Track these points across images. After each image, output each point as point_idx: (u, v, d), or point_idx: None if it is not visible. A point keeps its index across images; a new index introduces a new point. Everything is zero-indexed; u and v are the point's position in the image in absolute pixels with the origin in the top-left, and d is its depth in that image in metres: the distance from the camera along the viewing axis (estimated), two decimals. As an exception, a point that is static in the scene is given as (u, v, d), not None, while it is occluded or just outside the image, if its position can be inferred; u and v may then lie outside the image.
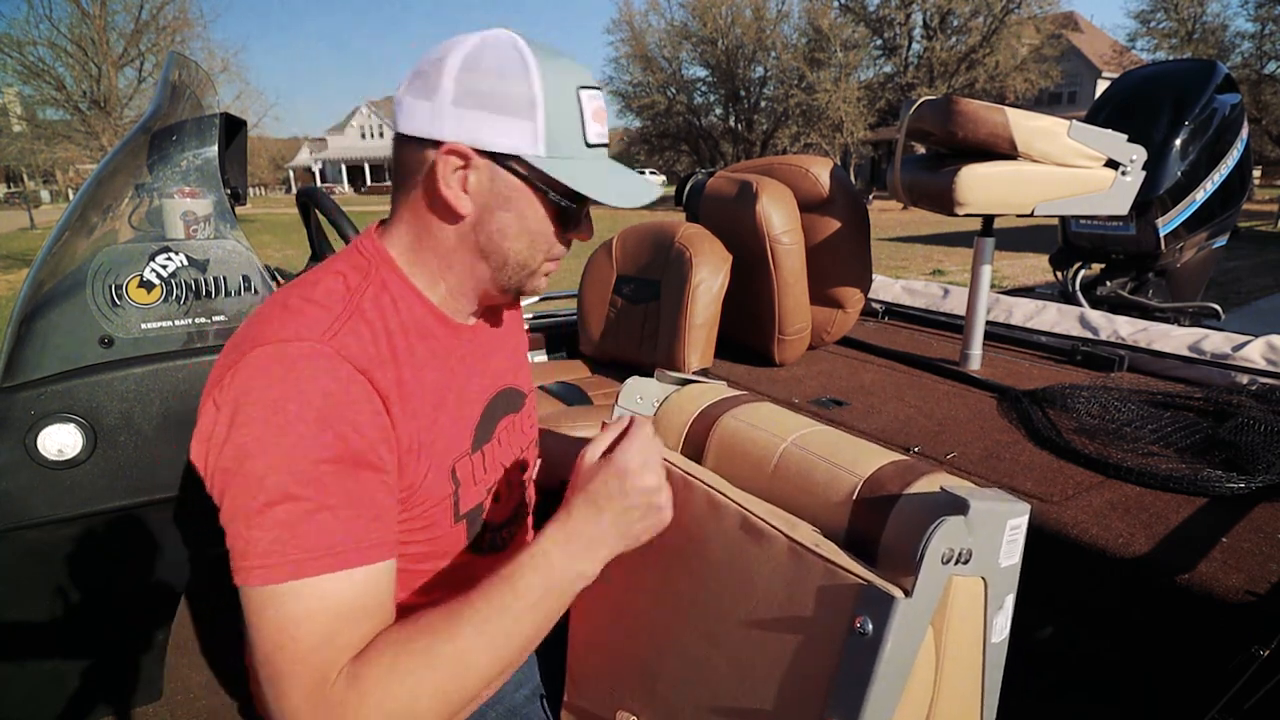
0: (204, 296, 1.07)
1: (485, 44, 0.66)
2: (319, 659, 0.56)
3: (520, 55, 0.66)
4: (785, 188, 1.87)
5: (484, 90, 0.65)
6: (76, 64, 19.01)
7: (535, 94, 0.66)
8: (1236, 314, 6.14)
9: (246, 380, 0.60)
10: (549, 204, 0.70)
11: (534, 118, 0.66)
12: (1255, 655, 0.77)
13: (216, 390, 0.61)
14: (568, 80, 0.68)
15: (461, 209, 0.68)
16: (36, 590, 1.08)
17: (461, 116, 0.65)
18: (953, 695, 0.59)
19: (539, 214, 0.70)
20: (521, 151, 0.66)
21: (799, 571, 0.58)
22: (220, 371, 0.62)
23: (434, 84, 0.66)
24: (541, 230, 0.71)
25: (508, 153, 0.66)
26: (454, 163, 0.66)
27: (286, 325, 0.62)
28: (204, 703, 1.27)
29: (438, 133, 0.66)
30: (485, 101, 0.65)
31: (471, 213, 0.69)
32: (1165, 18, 25.81)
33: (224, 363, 0.63)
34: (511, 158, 0.67)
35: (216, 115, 1.12)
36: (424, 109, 0.66)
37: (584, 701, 0.82)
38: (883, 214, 18.04)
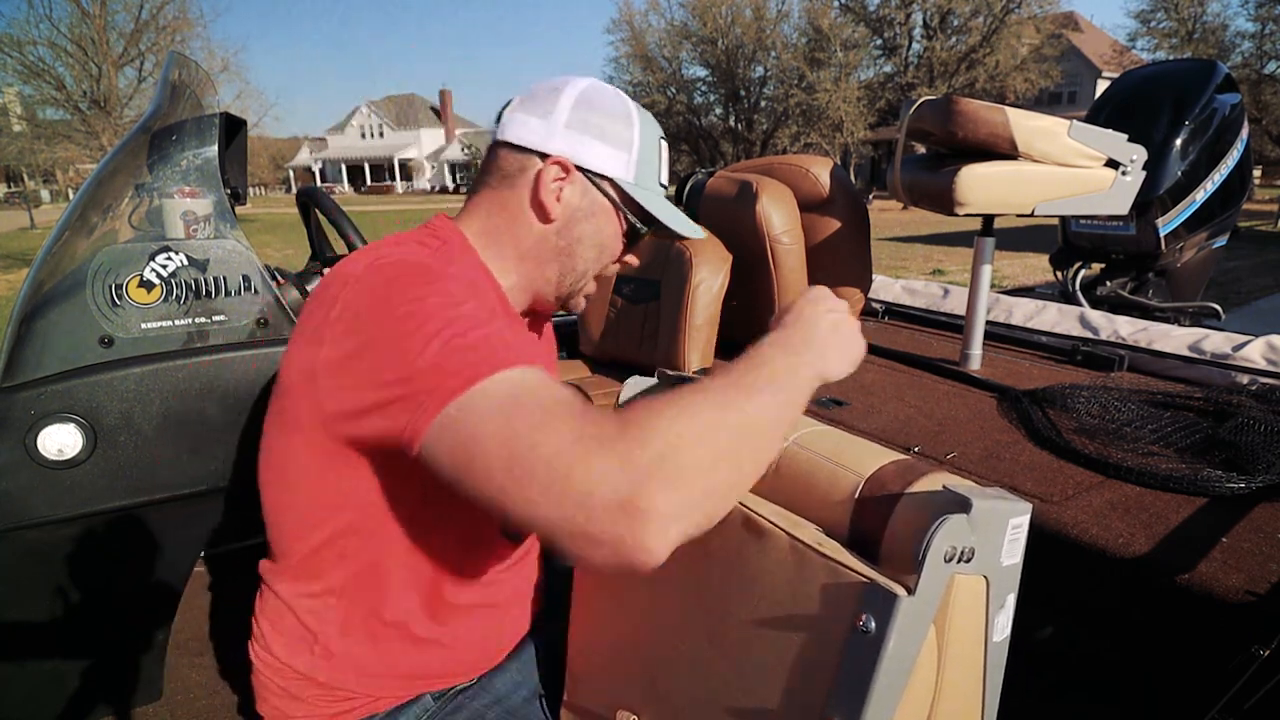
0: (204, 296, 1.07)
1: (596, 87, 0.80)
2: (575, 421, 0.52)
3: (624, 102, 0.81)
4: (785, 188, 1.88)
5: (594, 122, 0.78)
6: (76, 64, 19.00)
7: (634, 134, 0.80)
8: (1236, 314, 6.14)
9: (371, 280, 0.64)
10: (623, 224, 0.82)
11: (630, 152, 0.79)
12: (1255, 655, 0.77)
13: (330, 308, 0.63)
14: (654, 131, 0.83)
15: (553, 213, 0.78)
16: (36, 590, 1.08)
17: (571, 138, 0.77)
18: (954, 694, 0.59)
19: (614, 231, 0.82)
20: (615, 175, 0.79)
21: (801, 570, 0.58)
22: (325, 302, 0.64)
23: (549, 107, 0.77)
24: (611, 246, 0.83)
25: (604, 174, 0.79)
26: (556, 172, 0.77)
27: (388, 257, 0.67)
28: (204, 703, 1.27)
29: (547, 146, 0.77)
30: (594, 130, 0.78)
31: (559, 218, 0.79)
32: (1165, 18, 25.81)
33: (328, 294, 0.65)
34: (605, 179, 0.79)
35: (216, 115, 1.12)
36: (537, 125, 0.77)
37: (584, 700, 0.82)
38: (883, 214, 18.04)
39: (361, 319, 0.62)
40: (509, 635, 0.87)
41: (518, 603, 0.88)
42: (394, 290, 0.62)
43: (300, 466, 0.70)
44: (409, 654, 0.78)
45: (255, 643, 0.81)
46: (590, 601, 0.83)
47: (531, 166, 0.77)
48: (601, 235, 0.82)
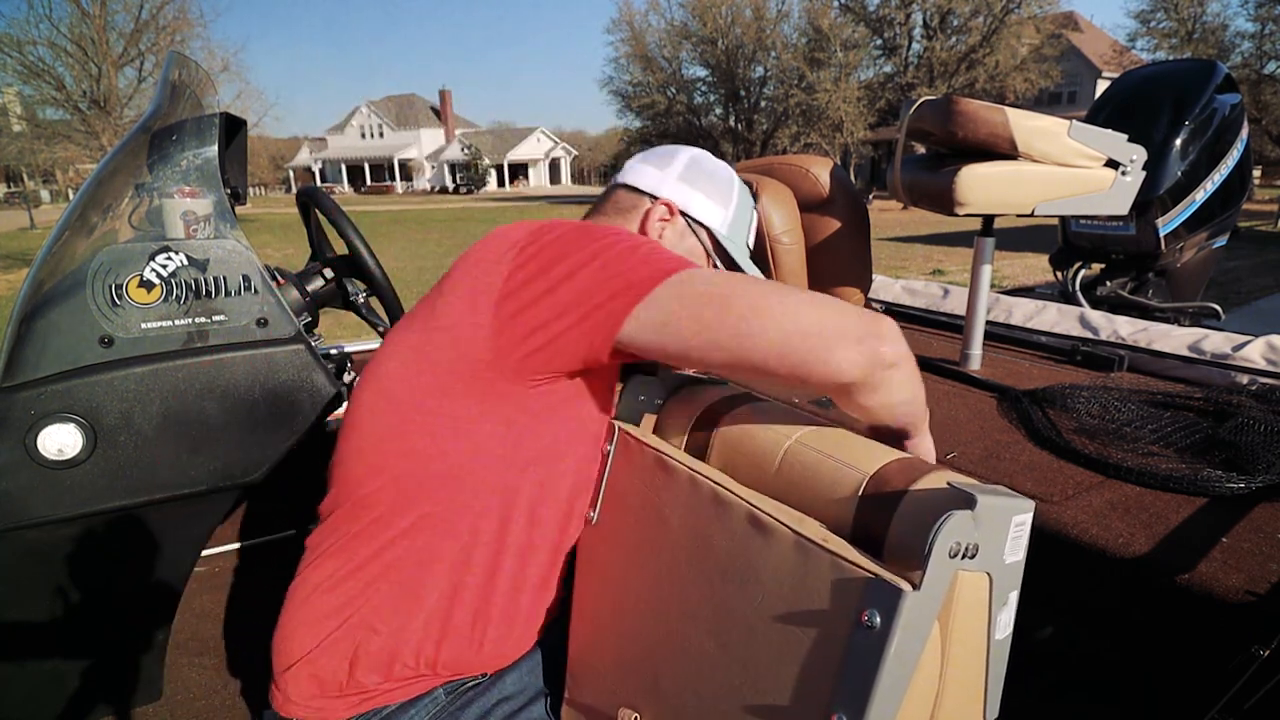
0: (204, 296, 1.07)
1: (706, 154, 0.99)
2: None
3: (729, 171, 1.00)
4: (785, 188, 1.87)
5: (701, 180, 0.95)
6: (76, 64, 18.99)
7: (732, 196, 0.98)
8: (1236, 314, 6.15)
9: (557, 229, 0.73)
10: (712, 267, 0.93)
11: (727, 209, 0.96)
12: (1255, 655, 0.77)
13: (514, 258, 0.71)
14: (749, 200, 1.03)
15: None
16: (36, 590, 1.08)
17: (680, 189, 0.93)
18: (957, 690, 0.59)
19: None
20: (712, 225, 0.95)
21: (805, 566, 0.58)
22: (498, 257, 0.72)
23: (666, 162, 0.95)
24: None
25: (703, 221, 0.94)
26: (663, 212, 0.92)
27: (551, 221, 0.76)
28: (204, 703, 1.27)
29: (659, 191, 0.93)
30: (700, 186, 0.95)
31: None
32: (1165, 18, 25.81)
33: (497, 252, 0.73)
34: (703, 226, 0.95)
35: (216, 115, 1.12)
36: (653, 173, 0.94)
37: (585, 698, 0.82)
38: (883, 214, 18.04)
39: (561, 254, 0.70)
40: (532, 631, 0.87)
41: (545, 598, 0.87)
42: (582, 231, 0.72)
43: (427, 426, 0.74)
44: (439, 642, 0.79)
45: (278, 634, 0.81)
46: (591, 598, 0.83)
47: (642, 205, 0.93)
48: None
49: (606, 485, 0.81)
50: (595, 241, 0.70)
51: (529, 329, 0.68)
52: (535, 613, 0.85)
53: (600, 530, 0.82)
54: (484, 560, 0.78)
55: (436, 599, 0.77)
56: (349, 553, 0.78)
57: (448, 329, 0.72)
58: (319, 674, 0.78)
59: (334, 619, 0.78)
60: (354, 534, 0.77)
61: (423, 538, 0.76)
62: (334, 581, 0.78)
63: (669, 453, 0.75)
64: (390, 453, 0.75)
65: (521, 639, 0.85)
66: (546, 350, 0.69)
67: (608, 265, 0.68)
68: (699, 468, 0.72)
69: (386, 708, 0.79)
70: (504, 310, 0.69)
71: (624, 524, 0.78)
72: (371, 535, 0.77)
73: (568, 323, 0.68)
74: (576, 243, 0.70)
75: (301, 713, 0.79)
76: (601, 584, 0.81)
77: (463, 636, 0.80)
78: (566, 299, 0.68)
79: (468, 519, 0.76)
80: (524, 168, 53.54)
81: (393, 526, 0.76)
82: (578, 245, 0.70)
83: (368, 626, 0.77)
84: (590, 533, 0.83)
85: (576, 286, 0.68)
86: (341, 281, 1.34)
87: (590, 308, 0.67)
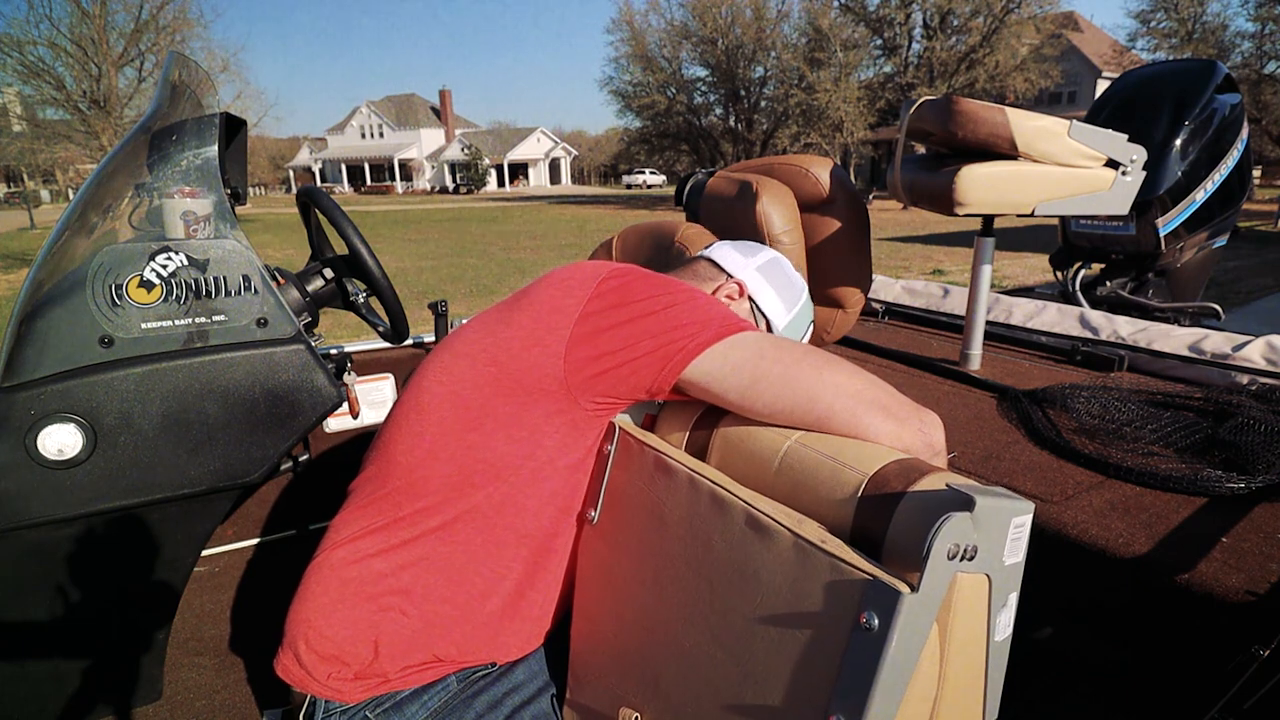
0: (204, 296, 1.07)
1: (787, 261, 1.09)
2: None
3: (803, 282, 1.09)
4: (785, 188, 1.87)
5: (777, 278, 1.04)
6: (76, 64, 18.99)
7: (799, 301, 1.06)
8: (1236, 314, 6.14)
9: (631, 273, 0.80)
10: None
11: (791, 311, 1.04)
12: (1255, 655, 0.77)
13: (589, 291, 0.77)
14: (810, 312, 1.09)
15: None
16: (36, 590, 1.08)
17: (756, 278, 1.02)
18: (956, 692, 0.59)
19: None
20: (773, 318, 1.02)
21: (804, 567, 0.58)
22: (576, 287, 0.78)
23: (752, 253, 1.06)
24: None
25: (766, 312, 1.02)
26: (734, 289, 1.00)
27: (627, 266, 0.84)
28: (204, 703, 1.27)
29: (736, 272, 1.02)
30: (774, 283, 1.03)
31: None
32: (1165, 18, 25.81)
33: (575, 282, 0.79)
34: (765, 316, 1.02)
35: (216, 115, 1.12)
36: (737, 258, 1.04)
37: (586, 698, 0.82)
38: (883, 214, 18.03)
39: (644, 293, 0.77)
40: (543, 627, 0.88)
41: (557, 595, 0.88)
42: (664, 280, 0.80)
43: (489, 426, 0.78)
44: (462, 632, 0.80)
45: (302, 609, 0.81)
46: (592, 597, 0.83)
47: (719, 278, 1.01)
48: None
49: (607, 485, 0.81)
50: (676, 290, 0.79)
51: (603, 351, 0.75)
52: (547, 609, 0.87)
53: (600, 530, 0.82)
54: (514, 558, 0.81)
55: (468, 591, 0.80)
56: (389, 534, 0.79)
57: (521, 339, 0.77)
58: (342, 655, 0.79)
59: (366, 599, 0.79)
60: (398, 518, 0.79)
61: (464, 531, 0.79)
62: (371, 561, 0.79)
63: (669, 453, 0.75)
64: (453, 444, 0.78)
65: (533, 634, 0.87)
66: (616, 373, 0.75)
67: (686, 310, 0.77)
68: (699, 468, 0.72)
69: (401, 692, 0.80)
70: (581, 330, 0.75)
71: (624, 524, 0.79)
72: (414, 521, 0.79)
73: (642, 350, 0.74)
74: (659, 286, 0.79)
75: (320, 690, 0.80)
76: (602, 584, 0.81)
77: (484, 628, 0.82)
78: (645, 330, 0.75)
79: (508, 517, 0.79)
80: (524, 168, 53.52)
81: (439, 515, 0.78)
82: (660, 288, 0.78)
83: (398, 610, 0.79)
84: (591, 533, 0.83)
85: (656, 322, 0.75)
86: (341, 281, 1.34)
87: (666, 341, 0.74)
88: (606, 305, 0.76)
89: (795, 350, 0.76)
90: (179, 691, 1.29)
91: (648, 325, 0.75)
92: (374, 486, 0.82)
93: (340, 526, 0.83)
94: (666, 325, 0.75)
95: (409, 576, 0.79)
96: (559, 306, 0.77)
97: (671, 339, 0.74)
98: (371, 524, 0.80)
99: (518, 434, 0.78)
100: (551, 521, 0.82)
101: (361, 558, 0.80)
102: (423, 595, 0.79)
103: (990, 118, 1.54)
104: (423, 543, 0.79)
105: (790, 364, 0.73)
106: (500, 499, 0.79)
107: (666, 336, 0.75)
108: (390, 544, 0.79)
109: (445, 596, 0.79)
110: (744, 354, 0.74)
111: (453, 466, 0.78)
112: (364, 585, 0.79)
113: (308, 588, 0.82)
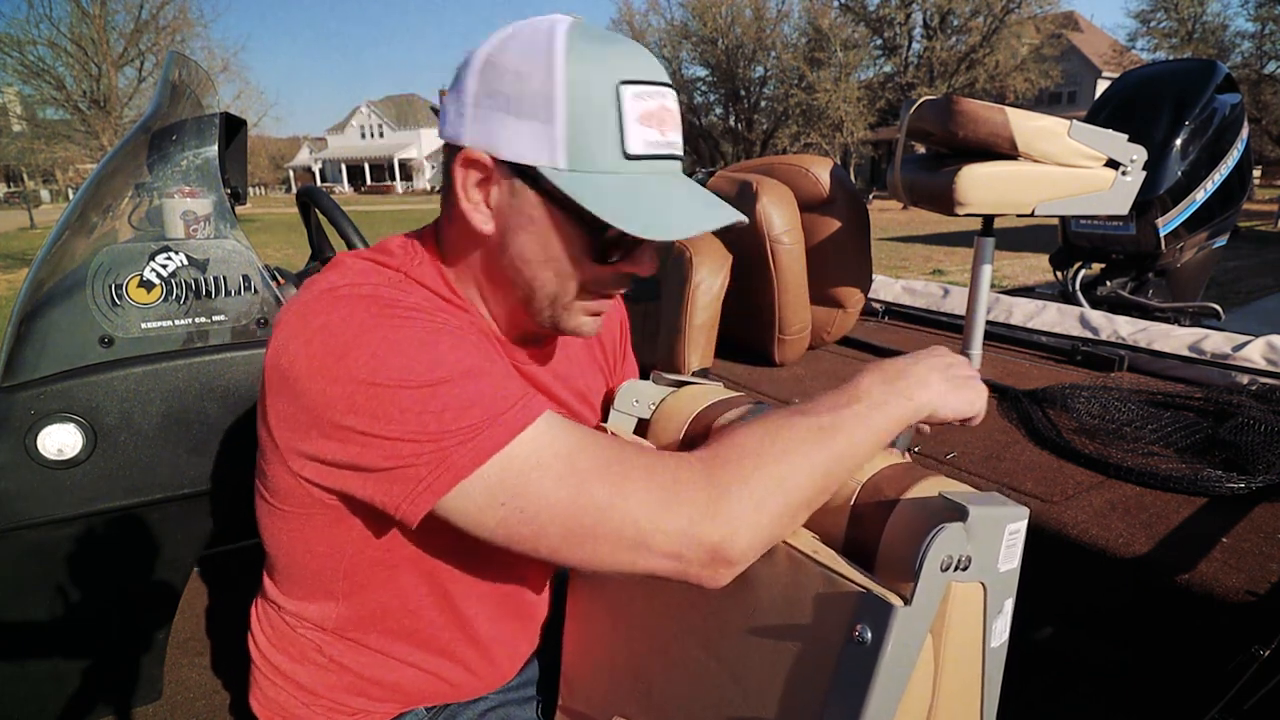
0: (204, 296, 1.07)
1: (517, 32, 0.57)
2: (649, 471, 0.54)
3: (548, 44, 0.55)
4: (785, 188, 1.87)
5: (502, 90, 0.56)
6: (76, 64, 18.97)
7: (555, 92, 0.55)
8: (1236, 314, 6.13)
9: (313, 320, 0.56)
10: (574, 228, 0.59)
11: (552, 121, 0.55)
12: (1255, 655, 0.77)
13: (291, 342, 0.56)
14: (605, 74, 0.56)
15: (481, 226, 0.61)
16: (36, 590, 1.08)
17: (480, 118, 0.57)
18: (952, 701, 0.58)
19: (563, 238, 0.60)
20: (537, 163, 0.57)
21: (797, 579, 0.58)
22: (282, 337, 0.57)
23: (461, 83, 0.59)
24: (568, 257, 0.61)
25: (523, 162, 0.57)
26: (474, 174, 0.59)
27: (338, 282, 0.60)
28: (204, 703, 1.27)
29: (459, 137, 0.59)
30: (502, 102, 0.56)
31: (494, 232, 0.61)
32: (1165, 17, 25.81)
33: (281, 334, 0.58)
34: (528, 169, 0.57)
35: (216, 115, 1.12)
36: (453, 112, 0.59)
37: (578, 705, 0.82)
38: (883, 214, 18.03)
39: (311, 374, 0.54)
40: (518, 656, 0.84)
41: (530, 625, 0.84)
42: (342, 336, 0.54)
43: (282, 515, 0.65)
44: (413, 674, 0.76)
45: (254, 643, 0.79)
46: (585, 609, 0.82)
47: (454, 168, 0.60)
48: (550, 249, 0.61)
49: None
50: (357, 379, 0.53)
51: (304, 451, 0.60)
52: (516, 640, 0.82)
53: None
54: (442, 597, 0.72)
55: (403, 637, 0.73)
56: (307, 598, 0.73)
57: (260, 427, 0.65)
58: (284, 700, 0.75)
59: (304, 649, 0.74)
60: (304, 592, 0.72)
61: (374, 584, 0.70)
62: (298, 611, 0.74)
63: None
64: (302, 556, 0.70)
65: (505, 668, 0.81)
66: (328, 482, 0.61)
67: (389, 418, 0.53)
68: None
69: None
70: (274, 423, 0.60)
71: None
72: (319, 591, 0.71)
73: (342, 463, 0.57)
74: (320, 372, 0.55)
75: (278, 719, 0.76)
76: (595, 593, 0.81)
77: (443, 669, 0.76)
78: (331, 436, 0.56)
79: (408, 576, 0.70)
80: (524, 168, 53.35)
81: (342, 591, 0.70)
82: (322, 375, 0.55)
83: (339, 655, 0.74)
84: None
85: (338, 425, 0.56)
86: (341, 281, 1.34)
87: (371, 466, 0.56)
88: (277, 381, 0.57)
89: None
90: (179, 691, 1.29)
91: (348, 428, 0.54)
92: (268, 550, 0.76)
93: (267, 582, 0.77)
94: (377, 445, 0.53)
95: (336, 630, 0.72)
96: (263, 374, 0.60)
97: (388, 471, 0.54)
98: (282, 583, 0.74)
99: (313, 529, 0.64)
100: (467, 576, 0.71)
101: (292, 611, 0.73)
102: (347, 646, 0.73)
103: (990, 118, 1.54)
104: (332, 597, 0.71)
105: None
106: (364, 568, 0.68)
107: (378, 461, 0.54)
108: (313, 603, 0.72)
109: (379, 648, 0.73)
110: (491, 511, 0.54)
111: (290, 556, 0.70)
112: (298, 639, 0.74)
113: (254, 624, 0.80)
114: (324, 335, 0.54)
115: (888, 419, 0.60)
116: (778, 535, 0.57)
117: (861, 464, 0.61)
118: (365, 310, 0.55)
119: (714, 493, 0.54)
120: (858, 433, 0.59)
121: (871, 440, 0.60)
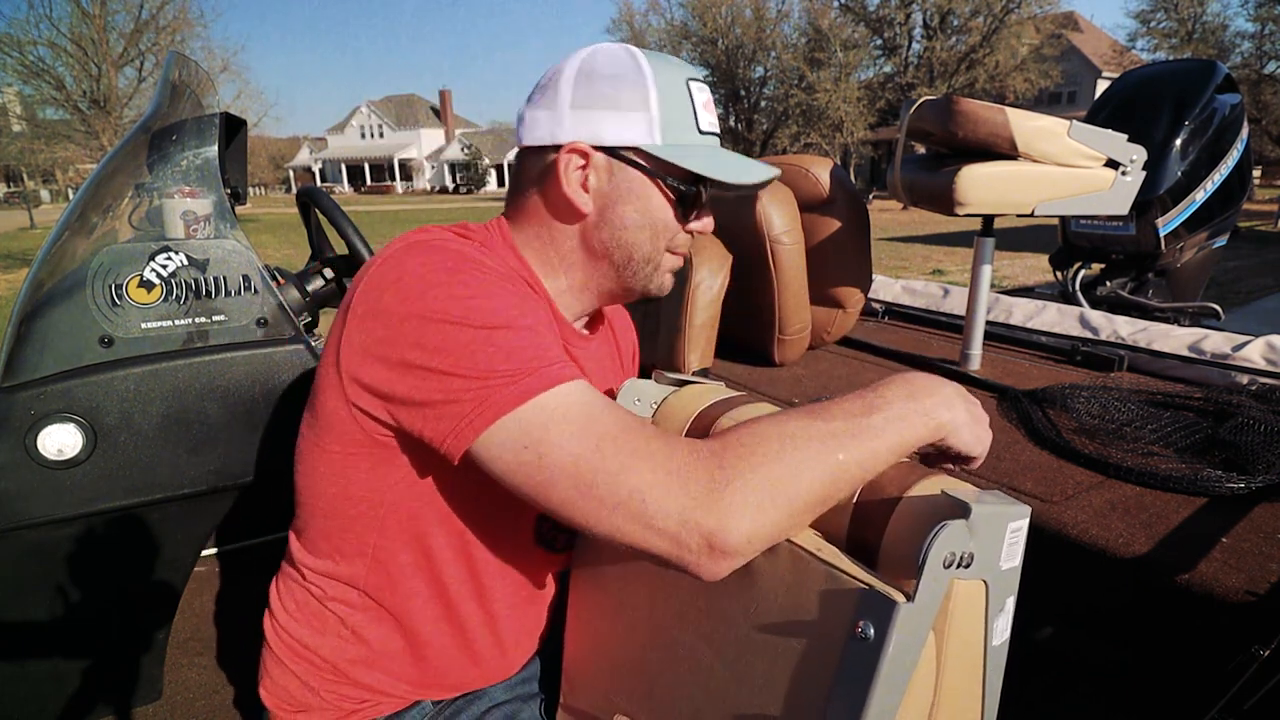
0: (204, 296, 1.07)
1: (598, 52, 0.73)
2: (662, 450, 0.57)
3: (631, 56, 0.72)
4: (785, 188, 1.87)
5: (600, 92, 0.71)
6: (76, 64, 18.97)
7: (648, 88, 0.71)
8: (1236, 314, 6.14)
9: (405, 262, 0.64)
10: (668, 191, 0.74)
11: (648, 109, 0.71)
12: (1255, 655, 0.77)
13: (359, 289, 0.64)
14: (676, 74, 0.73)
15: (582, 207, 0.73)
16: (36, 590, 1.08)
17: (580, 118, 0.71)
18: (953, 699, 0.58)
19: (659, 202, 0.74)
20: (639, 143, 0.71)
21: (800, 575, 0.58)
22: (356, 283, 0.66)
23: (553, 94, 0.72)
24: (663, 219, 0.75)
25: (626, 145, 0.72)
26: (575, 161, 0.72)
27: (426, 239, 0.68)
28: (204, 703, 1.27)
29: (558, 137, 0.72)
30: (602, 101, 0.71)
31: (592, 211, 0.74)
32: (1165, 18, 25.85)
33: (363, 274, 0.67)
34: (629, 149, 0.72)
35: (216, 115, 1.12)
36: (545, 118, 0.73)
37: (580, 703, 0.82)
38: (883, 214, 18.03)
39: (394, 303, 0.62)
40: (526, 647, 0.86)
41: (540, 615, 0.86)
42: (430, 276, 0.62)
43: (327, 456, 0.70)
44: (429, 651, 0.78)
45: (272, 621, 0.80)
46: (587, 605, 0.83)
47: (549, 163, 0.73)
48: (647, 213, 0.74)
49: None
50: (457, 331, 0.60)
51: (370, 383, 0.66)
52: (526, 629, 0.84)
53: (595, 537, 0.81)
54: (456, 578, 0.76)
55: (416, 614, 0.76)
56: (331, 565, 0.77)
57: (322, 375, 0.71)
58: (302, 674, 0.77)
59: (327, 619, 0.77)
60: (334, 547, 0.76)
61: (391, 557, 0.74)
62: (322, 581, 0.77)
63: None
64: (332, 513, 0.75)
65: (513, 658, 0.84)
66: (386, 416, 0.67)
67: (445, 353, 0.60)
68: None
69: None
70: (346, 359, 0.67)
71: None
72: (341, 557, 0.75)
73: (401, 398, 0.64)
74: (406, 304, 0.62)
75: (286, 715, 0.78)
76: (597, 591, 0.81)
77: (451, 653, 0.79)
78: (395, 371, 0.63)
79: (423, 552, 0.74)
80: (524, 168, 53.38)
81: (362, 560, 0.75)
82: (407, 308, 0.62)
83: (362, 628, 0.77)
84: (585, 540, 0.83)
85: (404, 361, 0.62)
86: (341, 281, 1.34)
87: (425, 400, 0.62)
88: (363, 314, 0.64)
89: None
90: (179, 691, 1.28)
91: (409, 362, 0.61)
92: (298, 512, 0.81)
93: (293, 548, 0.81)
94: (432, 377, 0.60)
95: (357, 603, 0.76)
96: (339, 318, 0.67)
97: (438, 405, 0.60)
98: (310, 549, 0.78)
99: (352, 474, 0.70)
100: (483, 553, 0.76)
101: (317, 580, 0.78)
102: (369, 619, 0.77)
103: (990, 118, 1.54)
104: (352, 568, 0.76)
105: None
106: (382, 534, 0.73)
107: (431, 394, 0.60)
108: (336, 574, 0.76)
109: (393, 626, 0.76)
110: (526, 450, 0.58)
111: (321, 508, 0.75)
112: (321, 610, 0.77)
113: (275, 600, 0.82)
114: (412, 276, 0.62)
115: (904, 435, 0.60)
116: (779, 534, 0.57)
117: (872, 474, 0.60)
118: (451, 260, 0.64)
119: (717, 482, 0.55)
120: (872, 444, 0.58)
121: (885, 453, 0.59)
